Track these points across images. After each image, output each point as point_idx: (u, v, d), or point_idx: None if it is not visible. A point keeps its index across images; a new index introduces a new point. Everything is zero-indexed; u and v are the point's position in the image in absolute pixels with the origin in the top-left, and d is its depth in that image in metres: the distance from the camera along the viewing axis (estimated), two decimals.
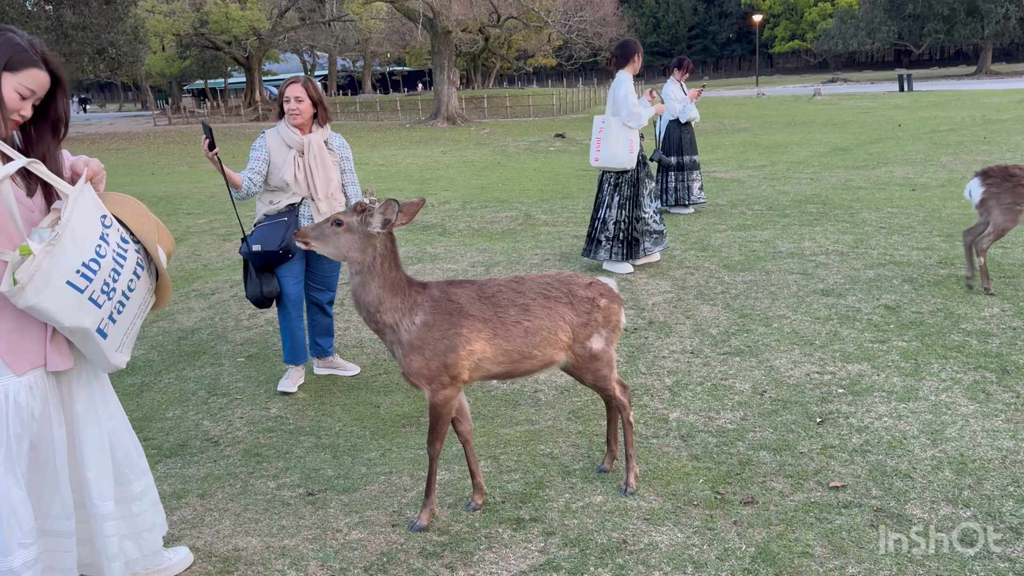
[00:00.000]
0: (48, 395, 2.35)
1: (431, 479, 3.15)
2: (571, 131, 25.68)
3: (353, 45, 54.61)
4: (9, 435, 2.25)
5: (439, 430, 3.06)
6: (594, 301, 3.17)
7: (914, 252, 7.01)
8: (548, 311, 3.08)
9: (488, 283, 3.11)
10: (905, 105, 29.06)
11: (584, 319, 3.14)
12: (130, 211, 2.48)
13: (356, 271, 2.95)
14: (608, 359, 3.23)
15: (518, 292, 3.09)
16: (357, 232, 2.93)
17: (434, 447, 3.09)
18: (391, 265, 2.96)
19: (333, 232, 2.95)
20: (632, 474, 3.37)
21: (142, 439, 4.12)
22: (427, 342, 2.93)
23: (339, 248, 2.95)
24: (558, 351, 3.12)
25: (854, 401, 4.12)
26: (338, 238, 2.94)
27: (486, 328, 2.99)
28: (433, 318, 2.95)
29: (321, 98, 4.45)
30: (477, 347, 2.97)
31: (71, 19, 26.77)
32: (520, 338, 3.03)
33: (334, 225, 2.94)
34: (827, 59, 79.82)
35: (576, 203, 10.91)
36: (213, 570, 2.96)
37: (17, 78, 2.17)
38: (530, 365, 3.10)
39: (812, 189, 11.04)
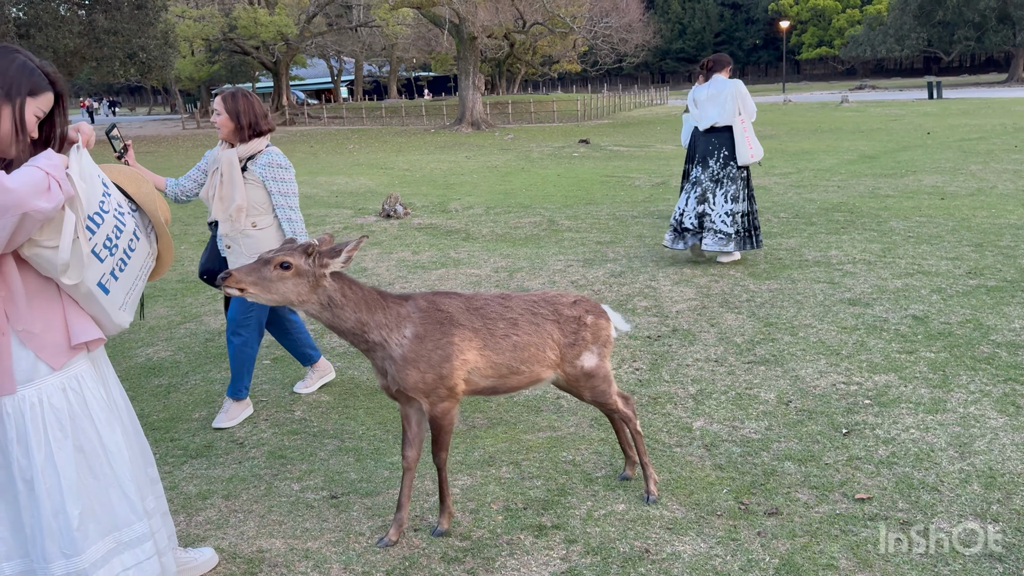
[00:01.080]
0: (85, 391, 2.33)
1: (443, 487, 3.13)
2: (595, 137, 25.65)
3: (379, 50, 55.02)
4: (50, 440, 2.25)
5: (442, 441, 3.02)
6: (580, 320, 3.12)
7: (943, 262, 6.92)
8: (536, 328, 3.04)
9: (475, 296, 3.06)
10: (934, 113, 28.73)
11: (571, 339, 3.09)
12: (127, 178, 2.52)
13: (318, 311, 2.76)
14: (604, 374, 3.19)
15: (505, 307, 3.04)
16: (307, 275, 2.69)
17: (440, 457, 3.06)
18: (353, 288, 2.81)
19: (279, 276, 2.65)
20: (651, 482, 3.34)
21: (168, 439, 4.19)
22: (421, 354, 2.84)
23: (285, 295, 2.67)
24: (545, 368, 3.08)
25: (881, 412, 4.07)
26: (284, 283, 2.66)
27: (477, 338, 2.93)
28: (424, 329, 2.86)
29: (240, 112, 4.09)
30: (470, 357, 2.91)
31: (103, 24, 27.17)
32: (509, 352, 2.98)
33: (279, 268, 2.65)
34: (855, 66, 79.14)
35: (600, 209, 10.89)
36: (237, 571, 2.98)
37: (36, 103, 2.23)
38: (517, 381, 3.05)
39: (839, 197, 10.94)
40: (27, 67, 2.21)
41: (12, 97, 2.17)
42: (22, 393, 2.23)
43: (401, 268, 7.66)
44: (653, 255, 7.71)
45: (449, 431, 3.00)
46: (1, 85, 2.16)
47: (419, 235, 9.47)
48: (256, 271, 2.64)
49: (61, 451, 2.27)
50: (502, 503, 3.38)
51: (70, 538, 2.27)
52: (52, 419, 2.26)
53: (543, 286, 6.73)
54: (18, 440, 2.24)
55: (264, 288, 2.64)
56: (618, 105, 44.96)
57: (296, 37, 43.39)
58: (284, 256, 2.66)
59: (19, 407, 2.22)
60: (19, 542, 2.30)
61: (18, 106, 2.18)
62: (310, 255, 2.70)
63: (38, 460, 2.24)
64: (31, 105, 2.21)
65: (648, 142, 23.23)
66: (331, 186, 14.96)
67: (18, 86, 2.18)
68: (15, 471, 2.25)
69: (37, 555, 2.27)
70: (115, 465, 2.37)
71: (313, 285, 2.71)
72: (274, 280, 2.65)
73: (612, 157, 19.25)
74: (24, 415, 2.23)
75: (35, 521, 2.26)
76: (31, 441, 2.24)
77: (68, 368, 2.30)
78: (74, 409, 2.30)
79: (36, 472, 2.24)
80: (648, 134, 26.70)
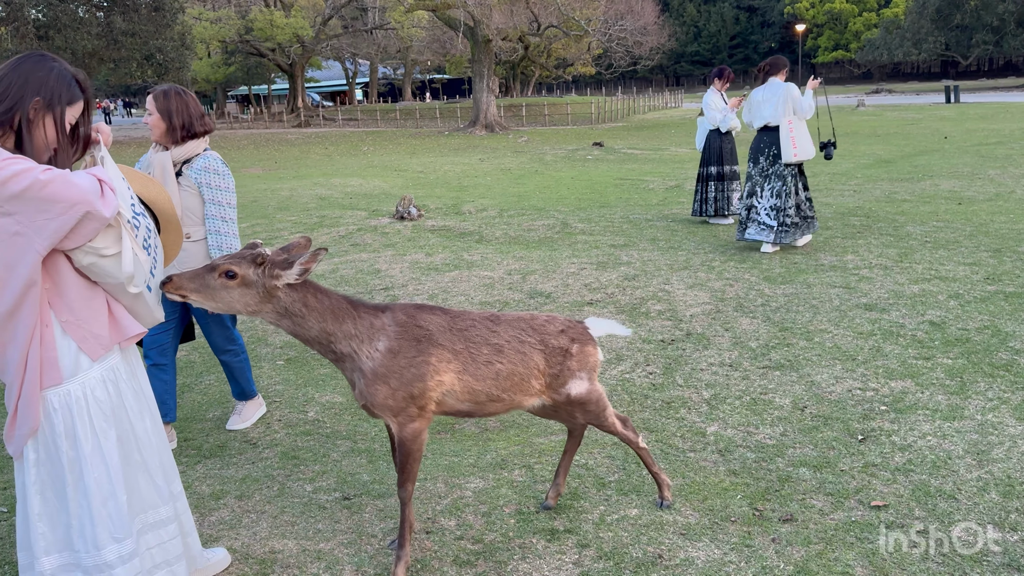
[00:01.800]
0: (120, 382, 2.42)
1: (404, 526, 2.86)
2: (609, 140, 25.61)
3: (394, 53, 55.19)
4: (96, 430, 2.34)
5: (410, 469, 2.79)
6: (566, 351, 2.97)
7: (960, 267, 6.86)
8: (522, 357, 2.89)
9: (462, 315, 2.90)
10: (951, 117, 28.52)
11: (556, 370, 2.95)
12: (134, 177, 2.58)
13: (276, 319, 2.64)
14: (597, 398, 3.05)
15: (492, 331, 2.88)
16: (255, 286, 2.55)
17: (405, 489, 2.81)
18: (319, 296, 2.66)
19: (223, 285, 2.53)
20: (665, 488, 3.30)
21: (182, 439, 4.20)
22: (392, 370, 2.68)
23: (230, 304, 2.56)
24: (527, 397, 2.94)
25: (897, 419, 4.03)
26: (229, 292, 2.54)
27: (456, 361, 2.77)
28: (399, 344, 2.70)
29: (173, 112, 3.78)
30: (446, 379, 2.75)
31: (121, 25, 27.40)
32: (490, 380, 2.83)
33: (224, 277, 2.53)
34: (871, 69, 78.67)
35: (613, 212, 10.87)
36: (250, 572, 2.99)
37: (72, 111, 2.32)
38: (495, 408, 2.91)
39: (855, 201, 10.87)
40: (64, 76, 2.29)
41: (54, 106, 2.25)
42: (67, 388, 2.30)
43: (415, 270, 7.67)
44: (667, 259, 7.68)
45: (418, 458, 2.81)
46: (43, 95, 2.24)
47: (432, 237, 9.48)
48: (199, 278, 2.53)
49: (107, 440, 2.36)
50: (514, 506, 3.37)
51: (121, 522, 2.36)
52: (97, 410, 2.34)
53: (556, 289, 6.72)
54: (66, 434, 2.31)
55: (207, 296, 2.54)
56: (632, 108, 44.90)
57: (312, 39, 43.60)
58: (230, 265, 2.53)
59: (65, 402, 2.29)
60: (57, 536, 2.36)
61: (59, 114, 2.27)
62: (260, 265, 2.55)
63: (86, 451, 2.32)
64: (69, 112, 2.30)
65: (662, 145, 23.17)
66: (345, 188, 15.01)
67: (59, 95, 2.26)
68: (64, 464, 2.32)
69: (87, 544, 2.34)
70: (144, 452, 2.48)
71: (264, 296, 2.57)
72: (218, 288, 2.53)
73: (626, 160, 19.21)
74: (71, 409, 2.30)
75: (84, 511, 2.33)
76: (79, 433, 2.31)
77: (105, 360, 2.37)
78: (114, 400, 2.39)
79: (84, 463, 2.32)
80: (662, 137, 26.63)
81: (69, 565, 2.37)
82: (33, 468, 2.32)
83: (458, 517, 3.30)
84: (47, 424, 2.29)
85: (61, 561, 2.36)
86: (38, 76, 2.24)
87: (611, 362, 5.04)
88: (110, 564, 2.35)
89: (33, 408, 2.25)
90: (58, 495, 2.34)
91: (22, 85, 2.21)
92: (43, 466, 2.33)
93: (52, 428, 2.30)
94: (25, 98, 2.21)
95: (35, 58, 2.28)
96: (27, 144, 2.22)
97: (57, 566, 2.36)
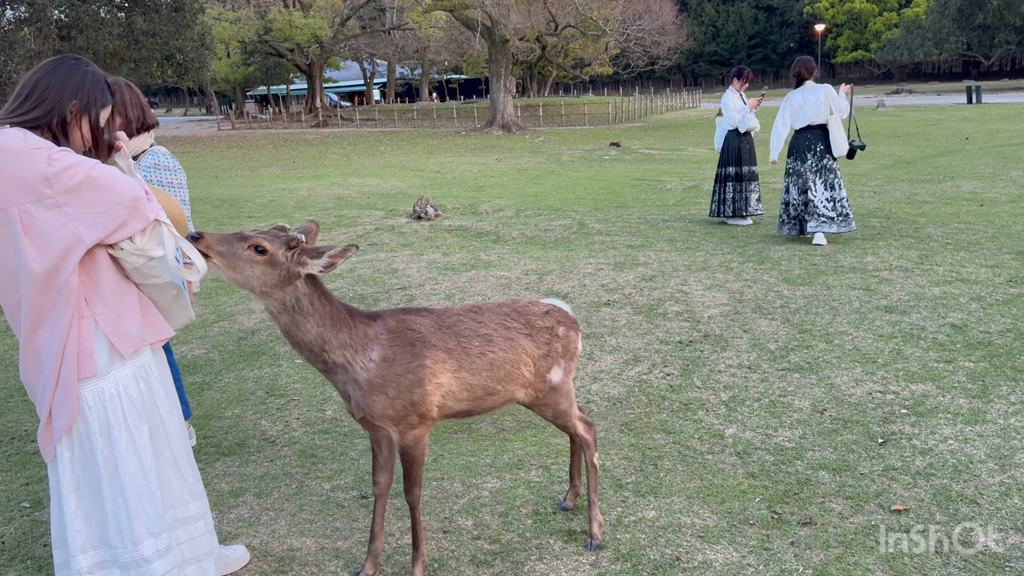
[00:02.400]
0: (152, 379, 2.47)
1: (416, 529, 2.85)
2: (626, 140, 25.55)
3: (412, 53, 55.30)
4: (130, 427, 2.38)
5: (415, 475, 2.77)
6: (552, 331, 2.95)
7: (982, 270, 6.78)
8: (510, 343, 2.85)
9: (446, 312, 2.86)
10: (973, 118, 28.22)
11: (544, 351, 2.91)
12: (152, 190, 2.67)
13: (278, 311, 2.54)
14: (567, 391, 3.00)
15: (478, 322, 2.84)
16: (280, 268, 2.48)
17: (413, 494, 2.80)
18: (323, 300, 2.59)
19: (250, 258, 2.45)
20: (595, 524, 3.07)
21: (201, 436, 4.23)
22: (389, 379, 2.62)
23: (248, 279, 2.47)
24: (519, 387, 2.90)
25: (918, 422, 4.00)
26: (253, 267, 2.46)
27: (451, 359, 2.73)
28: (393, 351, 2.64)
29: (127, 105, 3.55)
30: (443, 380, 2.71)
31: (142, 26, 27.62)
32: (485, 371, 2.78)
33: (253, 251, 2.45)
34: (891, 70, 78.02)
35: (630, 212, 10.84)
36: (268, 569, 3.01)
37: (104, 113, 2.40)
38: (492, 402, 2.87)
39: (875, 203, 10.78)
40: (98, 80, 2.37)
41: (89, 109, 2.34)
42: (101, 385, 2.34)
43: (432, 270, 7.68)
44: (685, 259, 7.65)
45: (421, 462, 2.77)
46: (79, 99, 2.32)
47: (449, 237, 9.49)
48: (229, 243, 2.45)
49: (141, 436, 2.40)
50: (531, 507, 3.37)
51: (157, 518, 2.41)
52: (130, 408, 2.39)
53: (573, 289, 6.72)
54: (100, 432, 2.35)
55: (229, 264, 2.44)
56: (650, 108, 44.77)
57: (330, 39, 43.81)
58: (262, 239, 2.45)
59: (99, 399, 2.34)
60: (93, 533, 2.40)
61: (94, 117, 2.35)
62: (292, 248, 2.49)
63: (121, 448, 2.37)
64: (100, 117, 2.38)
65: (680, 145, 23.09)
66: (363, 188, 15.07)
67: (94, 99, 2.34)
68: (99, 461, 2.36)
69: (124, 540, 2.38)
70: (175, 448, 2.53)
71: (283, 280, 2.49)
72: (243, 260, 2.44)
73: (643, 160, 19.16)
74: (105, 407, 2.35)
75: (120, 508, 2.37)
76: (113, 431, 2.36)
77: (137, 357, 2.42)
78: (146, 397, 2.44)
79: (120, 459, 2.36)
80: (680, 137, 26.54)
81: (106, 562, 2.40)
82: (68, 466, 2.36)
83: (475, 517, 3.31)
84: (82, 422, 2.33)
85: (98, 558, 2.40)
86: (74, 80, 2.32)
87: (628, 363, 5.03)
88: (148, 559, 2.39)
89: (71, 399, 2.30)
90: (93, 492, 2.38)
91: (60, 89, 2.29)
92: (78, 464, 2.37)
93: (87, 426, 2.34)
94: (63, 101, 2.29)
95: (70, 62, 2.35)
96: (64, 145, 2.29)
97: (94, 563, 2.39)
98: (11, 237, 2.19)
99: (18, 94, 2.29)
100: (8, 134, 2.19)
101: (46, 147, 2.19)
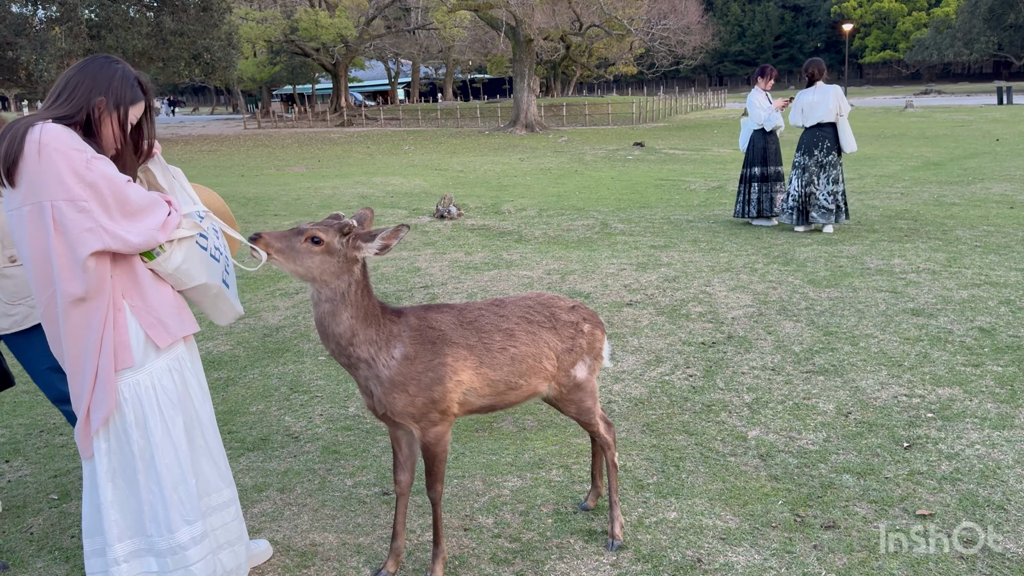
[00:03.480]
0: (185, 370, 2.52)
1: (438, 526, 2.87)
2: (650, 140, 25.45)
3: (436, 53, 55.43)
4: (165, 418, 2.43)
5: (437, 471, 2.79)
6: (577, 326, 2.96)
7: (1012, 273, 6.68)
8: (532, 336, 2.85)
9: (467, 307, 2.88)
10: (1004, 119, 27.79)
11: (568, 345, 2.92)
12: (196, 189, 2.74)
13: (326, 298, 2.59)
14: (591, 389, 3.01)
15: (500, 316, 2.85)
16: (338, 255, 2.55)
17: (435, 490, 2.81)
18: (365, 292, 2.63)
19: (307, 250, 2.53)
20: (617, 524, 3.07)
21: (226, 432, 4.28)
22: (410, 377, 2.65)
23: (310, 269, 2.54)
24: (542, 381, 2.90)
25: (944, 426, 3.95)
26: (312, 258, 2.53)
27: (472, 356, 2.74)
28: (414, 349, 2.67)
29: None
30: (464, 377, 2.72)
31: (170, 25, 27.95)
32: (507, 366, 2.79)
33: (310, 242, 2.53)
34: (920, 70, 77.03)
35: (654, 213, 10.79)
36: (291, 563, 3.03)
37: (135, 110, 2.44)
38: (515, 396, 2.87)
39: (903, 204, 10.66)
40: (128, 77, 2.41)
41: (118, 106, 2.38)
42: (136, 378, 2.39)
43: (454, 269, 7.70)
44: (708, 260, 7.61)
45: (443, 459, 2.79)
46: (108, 95, 2.36)
47: (472, 236, 9.51)
48: (286, 239, 2.53)
49: (176, 427, 2.46)
50: (552, 506, 3.37)
51: (192, 505, 2.47)
52: (165, 399, 2.44)
53: (595, 289, 6.70)
54: (136, 423, 2.40)
55: (290, 258, 2.52)
56: (674, 108, 44.54)
57: (355, 39, 44.02)
58: (316, 230, 2.53)
59: (135, 392, 2.39)
60: (128, 523, 2.45)
61: (123, 114, 2.39)
62: (345, 234, 2.55)
63: (156, 439, 2.42)
64: (133, 112, 2.42)
65: (704, 146, 22.95)
66: (386, 187, 15.14)
67: (123, 96, 2.38)
68: (135, 452, 2.41)
69: (160, 528, 2.43)
70: (207, 437, 2.60)
71: (342, 267, 2.56)
72: (302, 252, 2.52)
73: (667, 160, 19.07)
74: (140, 399, 2.40)
75: (156, 497, 2.42)
76: (149, 422, 2.41)
77: (171, 350, 2.48)
78: (179, 388, 2.49)
79: (155, 450, 2.41)
80: (704, 137, 26.39)
81: (141, 550, 2.46)
82: (104, 457, 2.41)
83: (496, 515, 3.31)
84: (118, 414, 2.39)
85: (134, 547, 2.45)
86: (104, 77, 2.36)
87: (650, 363, 5.01)
88: (184, 546, 2.44)
89: (110, 390, 2.34)
90: (128, 483, 2.43)
91: (89, 86, 2.34)
92: (114, 455, 2.42)
93: (123, 418, 2.39)
94: (91, 98, 2.33)
95: (100, 60, 2.41)
96: (95, 142, 2.34)
97: (130, 552, 2.44)
98: (43, 231, 2.24)
99: (52, 91, 2.36)
100: (55, 131, 2.24)
101: (87, 151, 2.25)
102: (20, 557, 3.16)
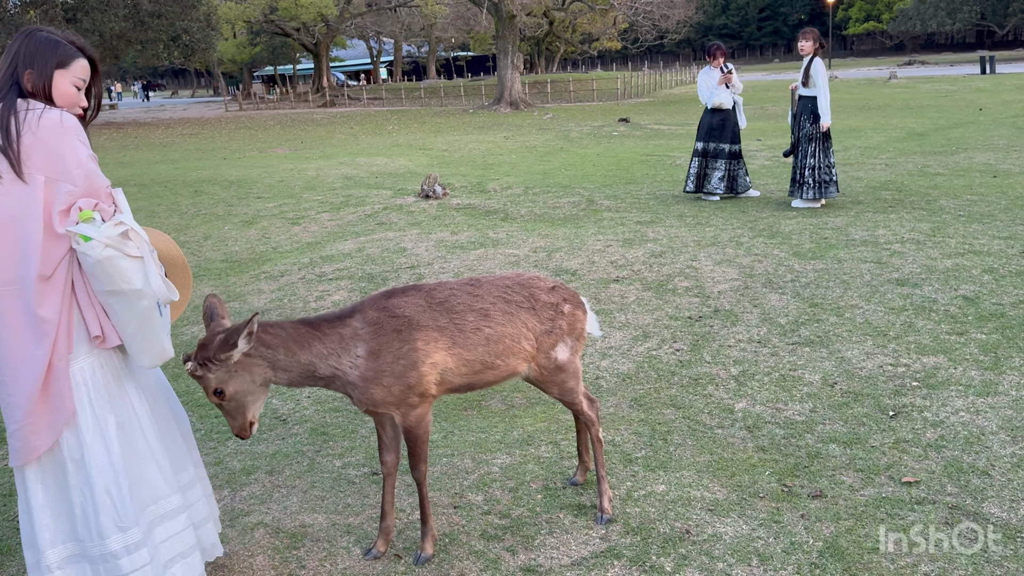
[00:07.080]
0: (119, 371, 2.42)
1: (424, 505, 2.88)
2: (635, 115, 25.38)
3: (418, 31, 54.96)
4: (96, 416, 2.33)
5: (419, 452, 2.78)
6: (558, 307, 2.92)
7: (995, 241, 6.72)
8: (509, 317, 2.82)
9: (438, 287, 2.82)
10: (987, 88, 27.86)
11: (548, 326, 2.89)
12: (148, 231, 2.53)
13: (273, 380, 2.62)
14: (574, 370, 3.00)
15: (474, 296, 2.81)
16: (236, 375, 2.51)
17: (419, 470, 2.82)
18: (269, 331, 2.58)
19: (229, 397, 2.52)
20: (605, 498, 3.08)
21: (213, 416, 4.26)
22: (381, 370, 2.63)
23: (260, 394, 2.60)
24: (521, 361, 2.87)
25: (929, 395, 3.98)
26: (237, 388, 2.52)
27: (443, 337, 2.71)
28: (378, 343, 2.64)
29: None
30: (438, 358, 2.69)
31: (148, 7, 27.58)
32: (481, 346, 2.76)
33: (216, 396, 2.51)
34: (904, 41, 77.01)
35: (640, 189, 10.78)
36: (280, 545, 3.03)
37: (71, 72, 2.37)
38: (493, 376, 2.85)
39: (887, 175, 10.68)
40: (51, 40, 2.35)
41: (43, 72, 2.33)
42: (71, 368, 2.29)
43: (440, 248, 7.67)
44: (694, 235, 7.62)
45: (425, 440, 2.79)
46: (31, 64, 2.32)
47: (458, 215, 9.47)
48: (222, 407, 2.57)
49: (108, 427, 2.34)
50: (541, 482, 3.38)
51: (124, 511, 2.33)
52: (96, 396, 2.33)
53: (582, 266, 6.70)
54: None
55: (238, 408, 2.56)
56: (659, 83, 44.42)
57: (336, 18, 43.58)
58: (206, 385, 2.49)
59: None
60: (62, 527, 2.34)
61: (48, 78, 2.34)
62: (204, 364, 2.47)
63: (87, 438, 2.31)
64: (65, 75, 2.36)
65: (690, 120, 22.89)
66: (371, 167, 15.04)
67: (47, 62, 2.33)
68: (64, 450, 2.31)
69: (91, 533, 2.31)
70: (150, 440, 2.45)
71: (247, 370, 2.52)
72: (229, 401, 2.53)
73: (652, 136, 19.03)
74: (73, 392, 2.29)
75: (86, 500, 2.31)
76: (79, 420, 2.30)
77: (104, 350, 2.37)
78: (112, 388, 2.37)
79: (86, 449, 2.30)
80: (690, 112, 26.32)
81: (75, 556, 2.34)
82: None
83: (485, 492, 3.32)
84: None
85: (67, 552, 2.33)
86: (27, 50, 2.33)
87: (637, 339, 5.02)
88: (115, 554, 2.31)
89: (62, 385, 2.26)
90: (59, 484, 2.32)
91: (12, 61, 2.33)
92: (44, 454, 2.30)
93: None
94: (18, 71, 2.32)
95: (24, 34, 2.37)
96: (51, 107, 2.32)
97: (63, 558, 2.33)
98: (31, 205, 2.20)
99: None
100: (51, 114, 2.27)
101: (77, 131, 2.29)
102: (8, 545, 3.15)
